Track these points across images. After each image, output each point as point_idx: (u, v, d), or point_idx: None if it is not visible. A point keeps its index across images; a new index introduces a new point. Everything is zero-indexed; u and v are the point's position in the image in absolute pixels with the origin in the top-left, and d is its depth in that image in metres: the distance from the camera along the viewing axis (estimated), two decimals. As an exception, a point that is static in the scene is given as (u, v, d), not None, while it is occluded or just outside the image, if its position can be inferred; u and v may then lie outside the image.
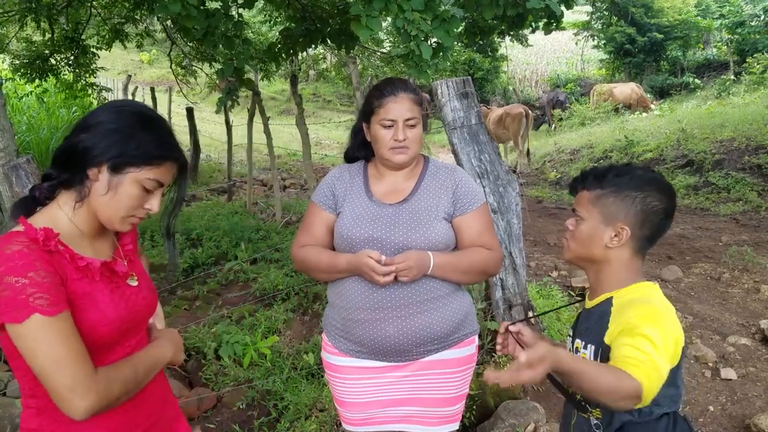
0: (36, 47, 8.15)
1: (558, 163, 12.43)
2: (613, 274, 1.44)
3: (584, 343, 1.44)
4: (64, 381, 1.14)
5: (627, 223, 1.40)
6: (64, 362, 1.15)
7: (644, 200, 1.40)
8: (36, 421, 1.29)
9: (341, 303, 1.90)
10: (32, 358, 1.16)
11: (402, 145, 1.85)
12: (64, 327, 1.17)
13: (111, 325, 1.29)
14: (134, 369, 1.30)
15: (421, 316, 1.83)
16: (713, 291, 4.99)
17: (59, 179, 1.30)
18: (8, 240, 1.19)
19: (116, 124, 1.27)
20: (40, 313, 1.14)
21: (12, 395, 3.40)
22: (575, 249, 1.48)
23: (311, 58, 21.87)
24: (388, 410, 1.95)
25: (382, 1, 3.41)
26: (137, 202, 1.30)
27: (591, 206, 1.43)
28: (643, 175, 1.43)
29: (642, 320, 1.28)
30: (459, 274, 1.87)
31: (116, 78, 19.07)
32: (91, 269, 1.28)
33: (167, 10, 3.60)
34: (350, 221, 1.87)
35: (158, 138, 1.31)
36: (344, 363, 1.94)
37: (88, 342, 1.24)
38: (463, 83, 3.19)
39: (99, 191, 1.28)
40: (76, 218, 1.30)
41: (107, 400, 1.20)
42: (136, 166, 1.27)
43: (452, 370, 1.92)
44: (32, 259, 1.17)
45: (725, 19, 18.27)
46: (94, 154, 1.25)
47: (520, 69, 25.06)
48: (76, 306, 1.23)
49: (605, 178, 1.43)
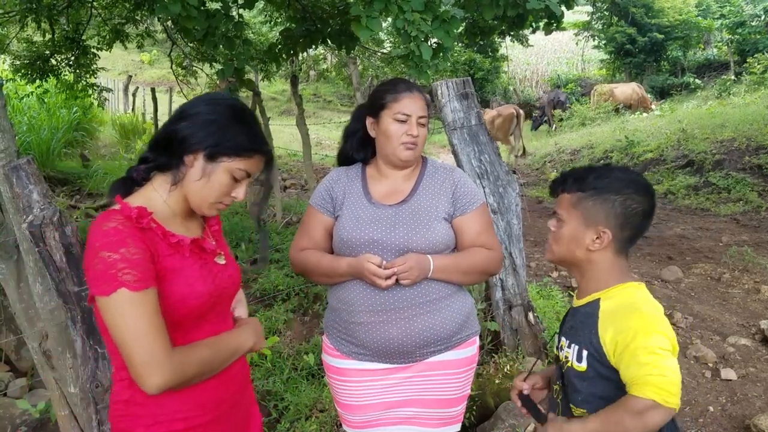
0: (36, 48, 8.14)
1: (558, 163, 12.43)
2: (598, 274, 1.44)
3: (568, 342, 1.45)
4: (140, 356, 1.20)
5: (608, 225, 1.40)
6: (143, 337, 1.21)
7: (624, 203, 1.39)
8: (128, 392, 1.35)
9: (343, 306, 1.89)
10: (114, 331, 1.22)
11: (414, 141, 1.86)
12: (148, 303, 1.23)
13: (200, 299, 1.36)
14: (213, 352, 1.36)
15: (424, 318, 1.83)
16: (713, 291, 4.99)
17: (156, 162, 1.39)
18: (105, 217, 1.27)
19: (214, 116, 1.36)
20: (127, 288, 1.20)
21: (12, 396, 3.40)
22: (557, 250, 1.48)
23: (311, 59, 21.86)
24: (391, 412, 1.94)
25: (382, 2, 3.41)
26: (226, 189, 1.39)
27: (572, 209, 1.44)
28: (622, 177, 1.43)
29: (636, 334, 1.28)
30: (460, 275, 1.87)
31: (117, 78, 19.08)
32: (182, 245, 1.36)
33: (168, 10, 3.60)
34: (350, 224, 1.86)
35: (251, 132, 1.39)
36: (347, 365, 1.93)
37: (178, 315, 1.32)
38: (463, 84, 3.19)
39: (193, 177, 1.37)
40: (169, 200, 1.39)
41: (180, 379, 1.26)
42: (229, 157, 1.36)
43: (455, 371, 1.92)
44: (125, 236, 1.24)
45: (726, 19, 18.27)
46: (192, 142, 1.34)
47: (521, 69, 25.06)
48: (167, 280, 1.31)
49: (585, 180, 1.43)
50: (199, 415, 1.39)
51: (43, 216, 1.65)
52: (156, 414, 1.35)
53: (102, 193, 8.82)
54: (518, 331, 3.38)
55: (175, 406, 1.35)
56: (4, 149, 1.91)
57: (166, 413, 1.35)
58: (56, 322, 1.97)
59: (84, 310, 1.73)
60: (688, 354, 3.77)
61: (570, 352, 1.42)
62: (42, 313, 2.00)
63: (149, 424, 1.35)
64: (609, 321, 1.35)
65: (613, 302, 1.39)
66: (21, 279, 2.06)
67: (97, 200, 8.49)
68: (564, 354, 1.46)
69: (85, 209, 7.72)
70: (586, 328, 1.39)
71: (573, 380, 1.42)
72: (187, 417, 1.37)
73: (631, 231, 1.42)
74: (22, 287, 2.06)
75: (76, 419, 2.08)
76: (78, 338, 1.77)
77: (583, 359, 1.38)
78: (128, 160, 10.08)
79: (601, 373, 1.36)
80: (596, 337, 1.36)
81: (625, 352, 1.29)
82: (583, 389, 1.39)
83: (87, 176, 9.41)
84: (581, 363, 1.39)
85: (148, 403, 1.34)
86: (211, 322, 1.43)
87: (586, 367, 1.38)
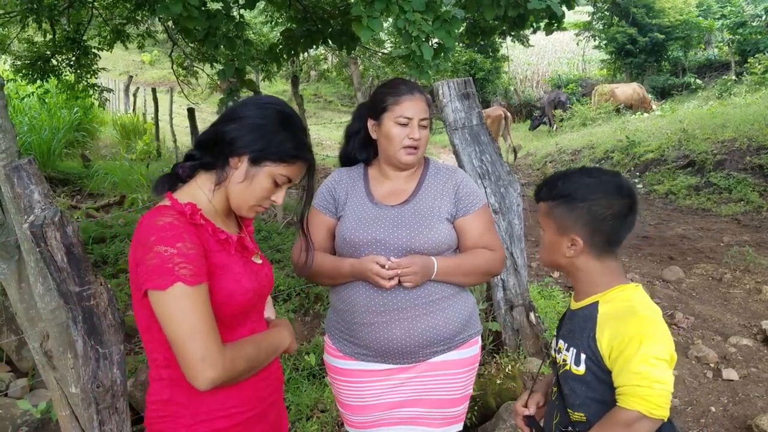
0: (37, 48, 8.14)
1: (559, 163, 12.42)
2: (588, 278, 1.44)
3: (566, 345, 1.44)
4: (196, 351, 1.20)
5: (578, 233, 1.40)
6: (198, 332, 1.21)
7: (590, 209, 1.38)
8: (168, 391, 1.35)
9: (345, 307, 1.89)
10: (168, 326, 1.22)
11: (415, 144, 1.86)
12: (202, 298, 1.24)
13: (246, 295, 1.38)
14: (257, 349, 1.37)
15: (426, 318, 1.83)
16: (715, 291, 4.98)
17: (201, 161, 1.41)
18: (159, 213, 1.29)
19: (263, 120, 1.37)
20: (183, 282, 1.21)
21: (13, 396, 3.40)
22: (544, 257, 1.51)
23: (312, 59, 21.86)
24: (393, 412, 1.94)
25: (383, 2, 3.41)
26: (267, 194, 1.41)
27: (546, 218, 1.45)
28: (590, 182, 1.41)
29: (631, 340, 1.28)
30: (462, 277, 1.88)
31: (117, 79, 19.08)
32: (229, 242, 1.39)
33: (168, 10, 3.60)
34: (352, 224, 1.86)
35: (296, 138, 1.41)
36: (349, 366, 1.93)
37: (225, 311, 1.33)
38: (465, 84, 3.19)
39: (237, 178, 1.38)
40: (213, 198, 1.41)
41: (232, 374, 1.26)
42: (273, 162, 1.38)
43: (457, 370, 1.92)
44: (181, 231, 1.26)
45: (726, 20, 18.26)
46: (239, 145, 1.36)
47: (521, 69, 25.03)
48: (216, 276, 1.32)
49: (555, 188, 1.43)
50: (241, 412, 1.40)
51: (44, 216, 1.64)
52: (198, 413, 1.34)
53: (103, 193, 8.83)
54: (519, 332, 3.38)
55: (217, 404, 1.35)
56: (5, 149, 1.90)
57: (208, 411, 1.35)
58: (57, 323, 1.97)
59: (85, 311, 1.73)
60: (689, 354, 3.76)
61: (568, 356, 1.42)
62: (43, 313, 2.00)
63: (190, 424, 1.34)
64: (607, 325, 1.35)
65: (611, 306, 1.38)
66: (22, 279, 2.06)
67: (98, 200, 8.49)
68: (562, 357, 1.45)
69: (86, 209, 7.72)
70: (584, 332, 1.39)
71: (571, 384, 1.41)
72: (229, 414, 1.37)
73: (603, 236, 1.39)
74: (23, 287, 2.06)
75: (77, 419, 2.07)
76: (79, 338, 1.77)
77: (582, 363, 1.37)
78: (129, 160, 10.08)
79: (599, 377, 1.35)
80: (593, 341, 1.35)
81: (620, 357, 1.29)
82: (581, 393, 1.39)
83: (88, 176, 9.42)
84: (579, 367, 1.38)
85: (190, 402, 1.34)
86: (252, 320, 1.45)
87: (584, 371, 1.37)
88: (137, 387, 3.25)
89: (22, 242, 1.97)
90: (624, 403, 1.27)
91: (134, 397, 3.21)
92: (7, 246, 2.03)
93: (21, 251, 2.00)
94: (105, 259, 5.61)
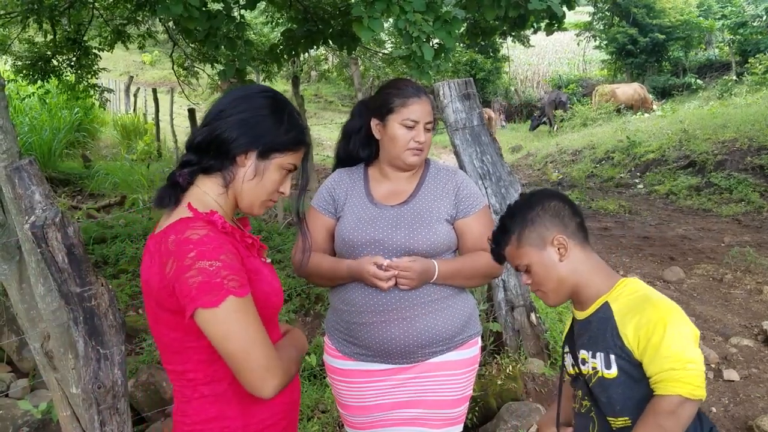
0: (38, 49, 8.14)
1: (560, 163, 12.42)
2: (589, 279, 1.45)
3: (591, 352, 1.42)
4: (260, 361, 1.17)
5: (554, 232, 1.43)
6: (258, 342, 1.18)
7: (542, 211, 1.45)
8: (214, 408, 1.29)
9: (345, 307, 1.89)
10: (226, 341, 1.16)
11: (421, 147, 1.86)
12: (253, 308, 1.20)
13: (279, 296, 1.36)
14: (297, 351, 1.38)
15: (426, 318, 1.83)
16: (715, 292, 4.98)
17: (201, 165, 1.32)
18: (186, 226, 1.21)
19: (261, 112, 1.32)
20: (234, 295, 1.16)
21: (14, 396, 3.40)
22: (550, 289, 1.47)
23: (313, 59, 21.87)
24: (393, 413, 1.94)
25: (383, 3, 3.41)
26: (277, 186, 1.36)
27: (521, 251, 1.46)
28: (523, 203, 1.49)
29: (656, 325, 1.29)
30: (463, 280, 1.88)
31: (118, 79, 19.09)
32: (255, 246, 1.36)
33: (169, 11, 3.60)
34: (352, 224, 1.86)
35: (297, 124, 1.37)
36: (349, 366, 1.93)
37: (265, 315, 1.27)
38: (465, 84, 3.19)
39: (247, 176, 1.32)
40: (222, 202, 1.34)
41: (289, 378, 1.25)
42: (281, 152, 1.33)
43: (457, 371, 1.92)
44: (220, 242, 1.20)
45: (727, 20, 18.26)
46: (243, 142, 1.30)
47: (522, 70, 25.02)
48: (252, 282, 1.26)
49: (506, 227, 1.47)
50: (285, 417, 1.39)
51: (45, 217, 1.64)
52: (249, 423, 1.31)
53: (103, 194, 8.84)
54: (520, 332, 3.38)
55: (265, 412, 1.33)
56: (6, 150, 1.91)
57: (258, 421, 1.32)
58: (58, 323, 1.97)
59: (86, 311, 1.73)
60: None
61: (597, 362, 1.40)
62: (44, 313, 2.00)
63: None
64: (627, 319, 1.35)
65: (622, 301, 1.39)
66: (23, 280, 2.06)
67: (99, 201, 8.50)
68: (590, 366, 1.42)
69: (87, 210, 7.73)
70: (606, 333, 1.38)
71: (607, 391, 1.39)
72: (276, 421, 1.36)
73: (570, 221, 1.46)
74: (24, 288, 2.06)
75: (78, 420, 2.07)
76: (80, 339, 1.77)
77: (612, 364, 1.36)
78: (129, 160, 10.09)
79: (632, 376, 1.34)
80: (618, 337, 1.35)
81: (648, 346, 1.29)
82: (620, 396, 1.37)
83: (88, 177, 9.43)
84: (611, 370, 1.36)
85: (241, 414, 1.30)
86: (275, 323, 1.42)
87: (617, 373, 1.36)
88: (138, 387, 3.25)
89: (23, 243, 1.97)
90: (663, 389, 1.25)
91: (135, 398, 3.22)
92: (8, 247, 2.03)
93: (22, 252, 2.00)
94: (106, 259, 5.61)
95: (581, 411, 1.50)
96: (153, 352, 3.81)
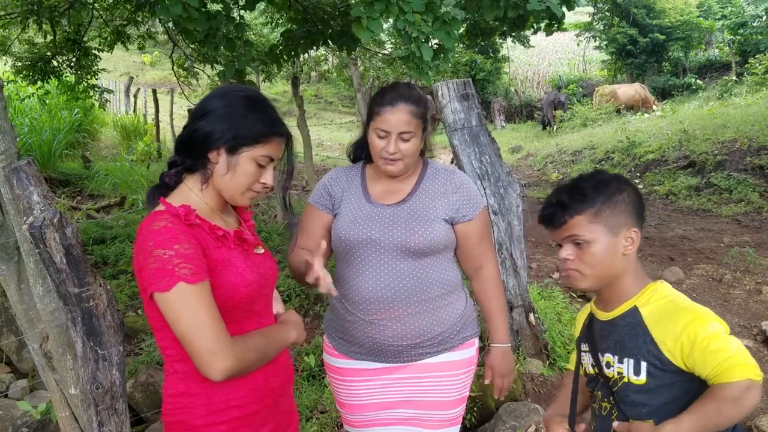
0: (38, 49, 8.14)
1: (560, 164, 12.42)
2: (628, 280, 1.43)
3: (618, 357, 1.40)
4: (206, 344, 1.25)
5: (632, 224, 1.40)
6: (206, 326, 1.26)
7: (629, 197, 1.41)
8: (182, 384, 1.40)
9: (340, 305, 1.90)
10: (177, 324, 1.27)
11: (393, 158, 1.81)
12: (206, 295, 1.29)
13: (249, 287, 1.41)
14: (266, 341, 1.42)
15: (419, 317, 1.83)
16: (715, 292, 4.98)
17: (184, 165, 1.44)
18: (154, 218, 1.34)
19: (228, 109, 1.40)
20: (185, 282, 1.26)
21: (13, 397, 3.40)
22: (594, 274, 1.41)
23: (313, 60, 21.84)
24: (389, 412, 1.94)
25: (383, 3, 3.42)
26: (254, 178, 1.43)
27: (593, 225, 1.39)
28: (611, 180, 1.43)
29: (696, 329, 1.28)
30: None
31: (118, 80, 19.09)
32: (227, 238, 1.43)
33: (169, 12, 3.61)
34: (348, 223, 1.86)
35: (266, 117, 1.42)
36: (344, 365, 1.94)
37: (231, 304, 1.38)
38: (464, 85, 3.19)
39: (220, 172, 1.41)
40: (205, 197, 1.44)
41: (243, 364, 1.31)
42: (249, 146, 1.40)
43: (452, 372, 1.92)
44: (177, 233, 1.30)
45: (727, 20, 18.25)
46: (212, 139, 1.39)
47: (522, 70, 25.02)
48: (218, 271, 1.36)
49: (586, 195, 1.40)
50: (254, 401, 1.43)
51: (43, 217, 1.65)
52: (212, 403, 1.39)
53: (103, 194, 8.84)
54: (519, 333, 3.38)
55: (230, 394, 1.40)
56: (4, 151, 1.91)
57: (221, 401, 1.39)
58: (57, 324, 1.98)
59: (84, 312, 1.73)
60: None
61: (624, 368, 1.38)
62: (42, 314, 2.00)
63: (205, 414, 1.39)
64: (662, 326, 1.33)
65: (652, 307, 1.38)
66: (21, 280, 2.06)
67: (99, 201, 8.50)
68: (615, 371, 1.41)
69: (87, 210, 7.73)
70: (637, 339, 1.36)
71: (633, 396, 1.37)
72: (242, 404, 1.41)
73: (642, 219, 1.43)
74: (23, 288, 2.07)
75: (76, 420, 2.08)
76: (78, 339, 1.77)
77: (642, 371, 1.35)
78: (129, 161, 10.09)
79: (663, 382, 1.33)
80: (653, 346, 1.33)
81: (695, 349, 1.27)
82: (647, 401, 1.36)
83: (88, 177, 9.43)
84: (640, 376, 1.35)
85: (204, 393, 1.38)
86: (258, 314, 1.48)
87: (645, 379, 1.35)
88: (136, 388, 3.25)
89: (21, 243, 1.97)
90: (728, 377, 1.23)
91: (133, 399, 3.21)
92: (6, 247, 2.03)
93: (20, 252, 2.01)
94: (105, 260, 5.62)
95: (601, 413, 1.47)
96: (152, 352, 3.81)
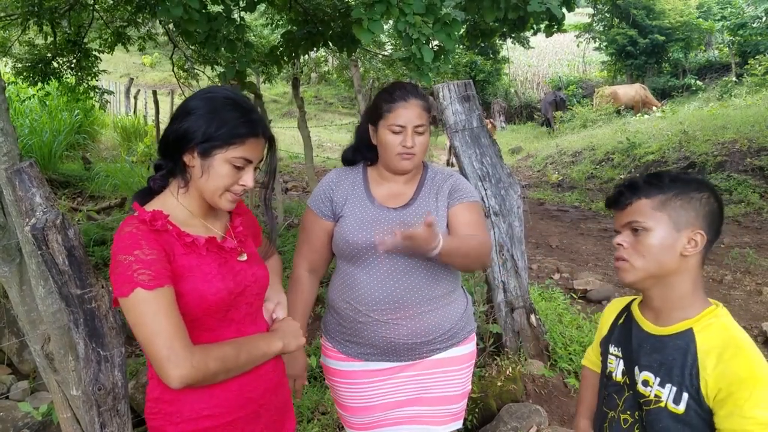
0: (38, 51, 8.15)
1: (560, 165, 12.43)
2: (683, 289, 1.33)
3: (659, 380, 1.33)
4: (161, 350, 1.24)
5: (700, 227, 1.29)
6: (162, 333, 1.25)
7: (708, 200, 1.30)
8: (158, 390, 1.41)
9: (348, 307, 1.89)
10: (135, 329, 1.27)
11: (410, 152, 1.84)
12: (165, 301, 1.27)
13: (218, 294, 1.39)
14: (237, 351, 1.37)
15: (432, 314, 1.85)
16: (715, 293, 4.98)
17: (167, 168, 1.43)
18: (123, 224, 1.34)
19: (201, 111, 1.38)
20: (142, 287, 1.25)
21: (15, 398, 3.40)
22: (644, 266, 1.32)
23: (313, 61, 21.89)
24: (394, 412, 1.95)
25: (383, 5, 3.42)
26: (230, 180, 1.40)
27: (657, 213, 1.30)
28: (695, 179, 1.34)
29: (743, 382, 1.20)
30: (461, 258, 1.77)
31: (118, 81, 19.11)
32: (196, 245, 1.40)
33: (169, 13, 3.61)
34: (353, 226, 1.86)
35: (238, 117, 1.38)
36: (352, 368, 1.93)
37: (199, 311, 1.36)
38: (465, 86, 3.19)
39: (196, 174, 1.39)
40: (184, 201, 1.43)
41: (202, 373, 1.28)
42: (221, 148, 1.37)
43: (457, 367, 1.94)
44: (138, 238, 1.30)
45: (727, 21, 18.27)
46: (186, 141, 1.37)
47: (522, 71, 25.05)
48: (185, 278, 1.35)
49: (663, 182, 1.32)
50: (227, 412, 1.41)
51: (45, 219, 1.65)
52: (182, 411, 1.38)
53: (104, 195, 8.84)
54: (520, 334, 3.38)
55: (201, 404, 1.39)
56: (6, 152, 1.91)
57: (192, 410, 1.38)
58: (58, 325, 1.98)
59: (86, 313, 1.73)
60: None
61: (664, 393, 1.31)
62: (44, 315, 2.00)
63: (177, 422, 1.39)
64: (710, 361, 1.25)
65: (709, 335, 1.29)
66: (23, 282, 2.06)
67: (99, 202, 8.50)
68: (653, 392, 1.33)
69: (87, 211, 7.73)
70: (683, 368, 1.28)
71: (666, 422, 1.31)
72: (214, 414, 1.40)
73: (716, 233, 1.32)
74: (25, 290, 2.07)
75: (78, 422, 2.08)
76: (80, 341, 1.77)
77: (683, 402, 1.28)
78: (130, 162, 10.09)
79: (699, 416, 1.27)
80: (697, 379, 1.26)
81: (728, 399, 1.21)
82: (678, 430, 1.29)
83: (89, 179, 9.43)
84: (680, 405, 1.28)
85: (175, 400, 1.38)
86: (237, 322, 1.45)
87: (684, 410, 1.27)
88: (138, 389, 3.25)
89: (23, 245, 1.97)
90: None
91: (135, 400, 3.22)
92: (8, 249, 2.03)
93: (22, 254, 2.01)
94: (106, 261, 5.61)
95: (621, 424, 1.42)
96: (153, 353, 3.81)
